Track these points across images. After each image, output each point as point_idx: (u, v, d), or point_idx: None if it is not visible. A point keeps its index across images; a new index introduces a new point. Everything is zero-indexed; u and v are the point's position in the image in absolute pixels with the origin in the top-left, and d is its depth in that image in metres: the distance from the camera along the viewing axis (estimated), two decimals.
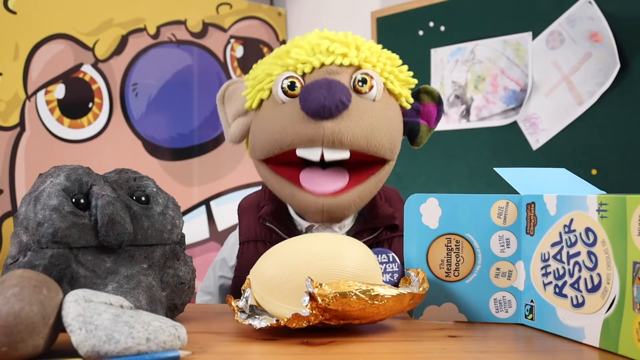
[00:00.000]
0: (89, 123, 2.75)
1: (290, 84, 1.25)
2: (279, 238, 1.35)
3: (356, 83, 1.24)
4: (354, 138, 1.21)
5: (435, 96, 1.34)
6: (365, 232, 1.35)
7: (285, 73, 1.27)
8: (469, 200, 0.99)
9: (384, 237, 1.36)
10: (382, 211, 1.36)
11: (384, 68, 1.28)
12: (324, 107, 1.17)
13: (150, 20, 2.95)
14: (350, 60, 1.24)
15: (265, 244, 1.36)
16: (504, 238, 0.98)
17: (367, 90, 1.24)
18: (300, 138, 1.23)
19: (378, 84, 1.26)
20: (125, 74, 2.87)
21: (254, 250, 1.37)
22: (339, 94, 1.18)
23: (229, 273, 1.46)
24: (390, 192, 1.44)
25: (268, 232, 1.38)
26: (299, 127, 1.22)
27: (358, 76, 1.24)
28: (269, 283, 0.91)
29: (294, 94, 1.24)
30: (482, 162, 2.73)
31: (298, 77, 1.25)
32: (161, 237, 0.98)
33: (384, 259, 1.32)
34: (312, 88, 1.19)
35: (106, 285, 0.91)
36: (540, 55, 2.56)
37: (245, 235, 1.40)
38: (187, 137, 3.08)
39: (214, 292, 1.49)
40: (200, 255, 3.05)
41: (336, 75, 1.24)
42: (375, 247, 1.33)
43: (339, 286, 0.84)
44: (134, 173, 1.01)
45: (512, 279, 0.99)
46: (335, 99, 1.17)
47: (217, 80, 3.19)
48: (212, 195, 3.18)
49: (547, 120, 2.53)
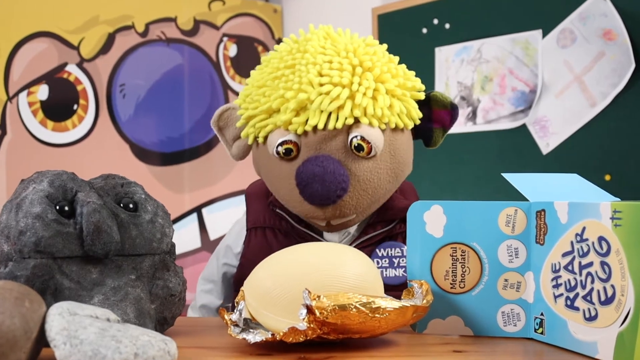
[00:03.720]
0: (74, 126, 2.75)
1: (286, 150, 1.25)
2: (289, 226, 1.38)
3: (352, 148, 1.23)
4: (357, 208, 1.27)
5: (447, 104, 1.32)
6: (379, 224, 1.36)
7: (278, 134, 1.25)
8: (475, 207, 0.99)
9: (397, 230, 1.37)
10: (397, 203, 1.37)
11: (384, 113, 1.23)
12: (321, 202, 1.21)
13: (138, 17, 2.96)
14: (345, 119, 1.21)
15: (274, 231, 1.39)
16: (513, 247, 0.98)
17: (365, 155, 1.24)
18: (304, 215, 1.31)
19: (377, 145, 1.24)
20: (112, 74, 2.88)
21: (262, 238, 1.39)
22: (335, 189, 1.20)
23: (233, 260, 1.47)
24: (405, 185, 1.45)
25: (277, 219, 1.39)
26: (301, 207, 1.27)
27: (354, 142, 1.22)
28: (264, 295, 0.91)
29: (290, 158, 1.26)
30: (489, 167, 2.73)
31: (293, 139, 1.24)
32: (150, 247, 0.98)
33: (397, 252, 1.34)
34: (307, 180, 1.21)
35: (92, 298, 0.91)
36: (551, 55, 2.56)
37: (253, 221, 1.42)
38: (178, 141, 3.08)
39: (217, 280, 1.51)
40: (191, 266, 3.04)
41: (331, 141, 1.23)
42: (388, 240, 1.36)
43: (338, 298, 0.84)
44: (122, 179, 1.02)
45: (521, 290, 0.99)
46: (332, 193, 1.20)
47: (209, 81, 3.19)
48: (204, 203, 3.17)
49: (558, 123, 2.54)
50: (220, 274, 1.51)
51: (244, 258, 1.41)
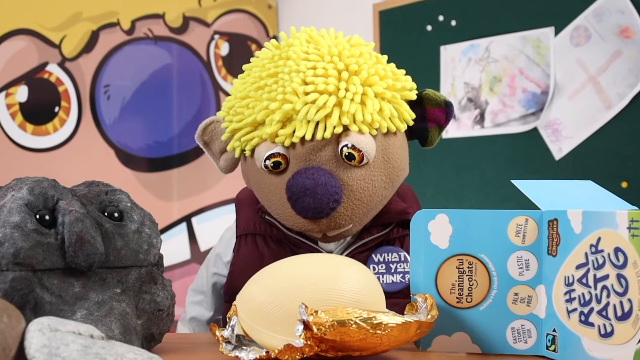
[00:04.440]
0: (55, 130, 2.76)
1: (274, 164, 1.26)
2: (280, 233, 1.39)
3: (344, 157, 1.24)
4: (353, 219, 1.28)
5: (441, 103, 1.33)
6: (374, 228, 1.37)
7: (265, 147, 1.26)
8: (483, 216, 1.00)
9: (395, 234, 1.38)
10: (394, 206, 1.38)
11: (374, 119, 1.24)
12: (314, 215, 1.22)
13: (124, 13, 2.96)
14: (333, 129, 1.21)
15: (264, 239, 1.40)
16: (523, 259, 0.99)
17: (357, 164, 1.25)
18: (297, 229, 1.31)
19: (368, 152, 1.24)
20: (96, 74, 2.88)
21: (253, 245, 1.40)
22: (327, 201, 1.21)
23: (223, 270, 1.48)
24: (403, 187, 1.46)
25: (269, 226, 1.41)
26: (294, 220, 1.28)
27: (345, 151, 1.23)
28: (258, 310, 0.91)
29: (279, 171, 1.27)
30: (498, 173, 2.74)
31: (281, 152, 1.25)
32: (136, 259, 0.98)
33: (394, 257, 1.34)
34: (298, 194, 1.21)
35: (74, 313, 0.91)
36: (564, 53, 2.57)
37: (243, 228, 1.43)
38: (166, 146, 3.09)
39: (207, 290, 1.53)
40: (180, 279, 3.04)
41: (321, 152, 1.24)
42: (385, 245, 1.37)
43: (336, 313, 0.85)
44: (106, 186, 1.02)
45: (532, 305, 0.99)
46: (325, 206, 1.21)
47: (200, 82, 3.20)
48: (194, 211, 3.18)
49: (572, 127, 2.54)
50: (210, 285, 1.52)
51: (234, 266, 1.42)
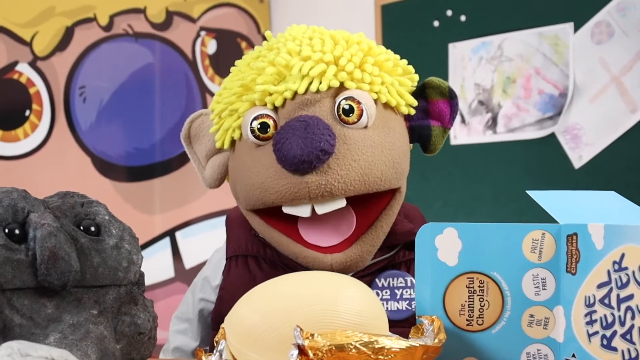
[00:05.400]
0: (26, 135, 2.76)
1: (261, 125, 1.26)
2: (274, 254, 1.37)
3: (341, 112, 1.25)
4: (347, 185, 1.24)
5: (445, 90, 1.34)
6: (379, 250, 1.36)
7: (253, 110, 1.27)
8: (495, 230, 1.00)
9: (401, 258, 1.37)
10: (399, 227, 1.37)
11: (372, 81, 1.27)
12: (302, 161, 1.19)
13: (101, 8, 2.97)
14: (329, 82, 1.24)
15: (257, 260, 1.39)
16: (539, 278, 0.99)
17: (355, 120, 1.25)
18: (283, 196, 1.25)
19: (368, 108, 1.25)
20: (71, 74, 2.88)
21: (244, 267, 1.39)
22: (319, 141, 1.19)
23: (211, 295, 1.46)
24: (410, 208, 1.46)
25: (261, 247, 1.39)
26: (279, 183, 1.25)
27: (342, 103, 1.24)
28: (249, 333, 0.91)
29: (267, 137, 1.26)
30: (511, 183, 2.74)
31: (269, 113, 1.26)
32: (115, 277, 0.98)
33: (400, 283, 1.33)
34: (286, 136, 1.20)
35: (47, 336, 0.91)
36: (584, 52, 2.57)
37: (234, 249, 1.42)
38: (147, 153, 3.09)
39: (193, 318, 1.50)
40: (163, 299, 3.04)
41: (314, 106, 1.24)
42: (390, 269, 1.36)
43: (335, 337, 0.85)
44: (82, 197, 1.02)
45: (549, 328, 0.99)
46: (315, 147, 1.18)
47: (184, 83, 3.20)
48: (178, 225, 3.18)
49: (593, 132, 2.55)
50: (196, 312, 1.49)
51: (223, 291, 1.40)
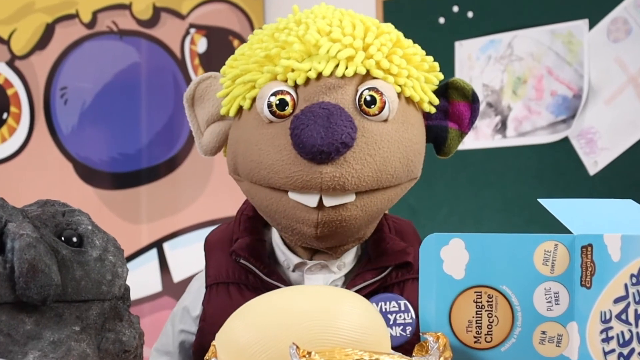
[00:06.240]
0: (3, 140, 2.76)
1: (280, 102, 1.26)
2: (257, 280, 1.36)
3: (362, 103, 1.25)
4: (360, 180, 1.25)
5: (468, 92, 1.35)
6: (369, 272, 1.36)
7: (273, 85, 1.27)
8: (505, 241, 1.00)
9: (393, 279, 1.36)
10: (391, 246, 1.37)
11: (399, 73, 1.28)
12: (321, 151, 1.19)
13: (83, 4, 2.97)
14: (356, 67, 1.25)
15: (239, 288, 1.37)
16: (552, 292, 0.99)
17: (376, 112, 1.25)
18: (293, 183, 1.25)
19: (391, 101, 1.26)
20: (51, 74, 2.88)
21: (225, 296, 1.37)
22: (340, 133, 1.19)
23: (192, 326, 1.45)
24: (402, 224, 1.45)
25: (244, 273, 1.38)
26: (291, 169, 1.24)
27: (365, 94, 1.25)
28: (241, 351, 0.91)
29: (283, 114, 1.26)
30: (522, 191, 2.74)
31: (289, 90, 1.26)
32: (98, 291, 0.98)
33: (393, 307, 1.33)
34: (307, 122, 1.20)
35: (26, 354, 0.91)
36: (600, 50, 2.57)
37: (214, 276, 1.41)
38: (133, 159, 3.08)
39: (173, 351, 1.48)
40: (150, 315, 3.04)
41: (337, 92, 1.25)
42: (382, 292, 1.34)
43: (333, 355, 0.85)
44: (63, 206, 1.02)
45: (562, 345, 0.99)
46: (336, 139, 1.19)
47: (173, 83, 3.20)
48: (166, 236, 3.17)
49: (609, 136, 2.55)
50: (177, 344, 1.48)
51: (204, 322, 1.39)
